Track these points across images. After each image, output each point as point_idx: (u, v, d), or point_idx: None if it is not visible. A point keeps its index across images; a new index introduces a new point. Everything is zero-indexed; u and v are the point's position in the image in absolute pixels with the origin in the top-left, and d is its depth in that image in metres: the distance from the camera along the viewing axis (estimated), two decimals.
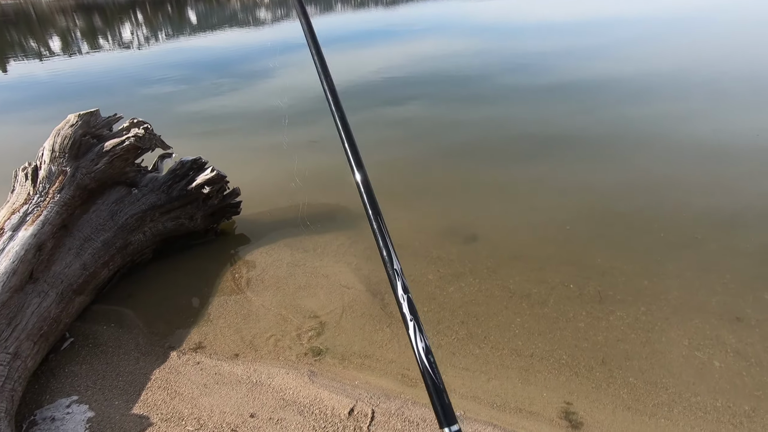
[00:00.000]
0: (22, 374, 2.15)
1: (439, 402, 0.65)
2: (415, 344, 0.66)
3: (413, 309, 0.67)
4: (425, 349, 0.66)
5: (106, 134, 3.36)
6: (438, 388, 0.64)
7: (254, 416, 2.21)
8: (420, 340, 0.65)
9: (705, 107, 6.03)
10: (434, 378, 0.65)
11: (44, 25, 23.07)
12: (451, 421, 0.64)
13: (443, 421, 0.65)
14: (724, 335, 2.43)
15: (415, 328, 0.66)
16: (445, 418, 0.65)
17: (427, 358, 0.65)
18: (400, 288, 0.68)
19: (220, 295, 3.16)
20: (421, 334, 0.66)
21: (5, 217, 2.67)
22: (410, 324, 0.66)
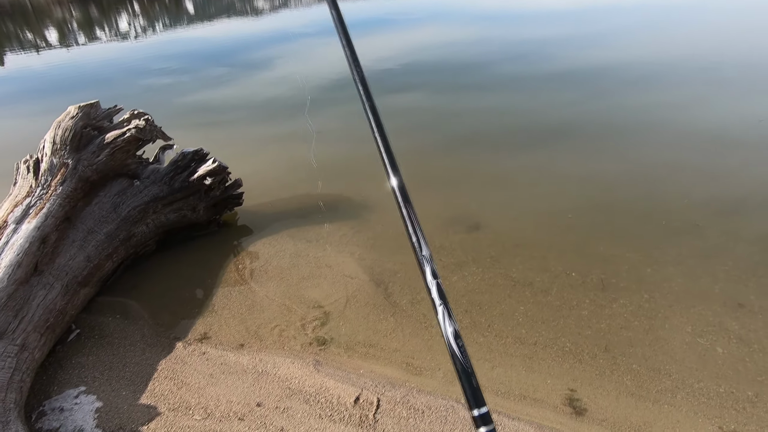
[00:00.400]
0: (30, 366, 2.17)
1: (468, 385, 0.66)
2: (445, 328, 0.67)
3: (442, 294, 0.68)
4: (454, 333, 0.67)
5: (107, 126, 3.35)
6: (467, 372, 0.66)
7: (261, 405, 2.23)
8: (449, 324, 0.67)
9: (705, 95, 6.00)
10: (463, 362, 0.67)
11: (40, 16, 22.86)
12: (480, 404, 0.66)
13: (473, 403, 0.66)
14: (727, 322, 2.44)
15: (444, 313, 0.67)
16: (475, 400, 0.66)
17: (456, 342, 0.67)
18: (429, 273, 0.69)
19: (224, 286, 3.17)
20: (450, 319, 0.67)
21: (8, 210, 2.67)
22: (439, 309, 0.68)
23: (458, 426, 2.03)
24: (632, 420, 2.03)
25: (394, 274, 3.11)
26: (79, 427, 2.07)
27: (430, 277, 0.70)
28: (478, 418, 0.65)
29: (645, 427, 1.99)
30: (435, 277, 0.70)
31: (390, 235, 3.55)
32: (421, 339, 2.60)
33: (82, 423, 2.10)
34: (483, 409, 0.65)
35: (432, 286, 0.70)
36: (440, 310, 0.68)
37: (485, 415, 0.65)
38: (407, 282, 3.04)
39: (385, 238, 3.53)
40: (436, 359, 2.47)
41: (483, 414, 0.65)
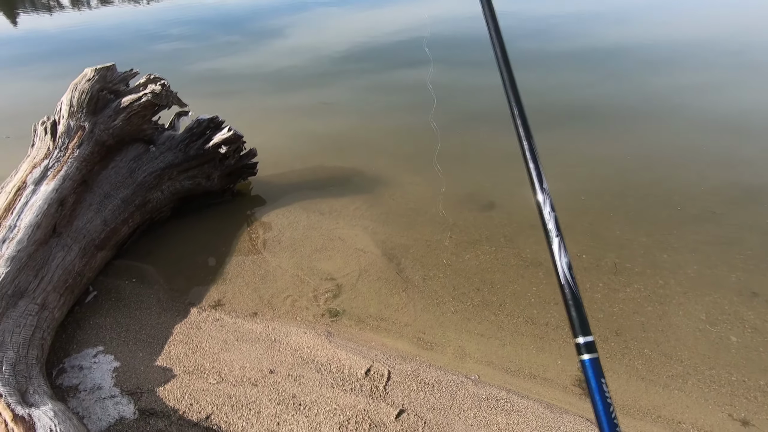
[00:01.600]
0: (51, 324, 2.22)
1: (576, 313, 0.68)
2: (559, 259, 0.69)
3: (558, 227, 0.70)
4: (568, 264, 0.69)
5: (123, 90, 3.32)
6: (577, 301, 0.68)
7: (273, 372, 2.27)
8: (564, 255, 0.69)
9: (729, 80, 5.81)
10: (574, 291, 0.69)
11: None
12: (586, 332, 0.68)
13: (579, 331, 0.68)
14: (742, 311, 2.43)
15: (559, 244, 0.69)
16: (581, 328, 0.68)
17: (569, 273, 0.69)
18: (548, 206, 0.71)
19: (238, 254, 3.19)
20: (564, 251, 0.69)
21: (27, 171, 2.68)
22: (555, 240, 0.69)
23: (467, 401, 2.06)
24: (641, 403, 2.05)
25: (406, 250, 3.11)
26: (98, 384, 2.13)
27: (549, 209, 0.72)
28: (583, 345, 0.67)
29: (654, 411, 2.01)
30: (553, 210, 0.72)
31: (403, 210, 3.54)
32: (433, 315, 2.62)
33: (101, 381, 2.15)
34: (588, 338, 0.68)
35: (550, 217, 0.72)
36: (556, 242, 0.70)
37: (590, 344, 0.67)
38: (420, 258, 3.04)
39: (398, 213, 3.52)
40: (447, 335, 2.49)
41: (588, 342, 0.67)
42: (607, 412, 0.66)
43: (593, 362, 0.67)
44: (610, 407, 0.66)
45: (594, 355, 0.67)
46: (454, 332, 2.49)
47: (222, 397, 2.09)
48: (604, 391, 0.65)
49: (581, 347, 0.67)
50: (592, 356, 0.67)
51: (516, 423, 1.94)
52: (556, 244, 0.69)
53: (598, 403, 0.65)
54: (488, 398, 2.06)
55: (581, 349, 0.67)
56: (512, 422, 1.94)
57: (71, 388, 2.13)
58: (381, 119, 5.38)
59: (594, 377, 0.67)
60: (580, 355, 0.66)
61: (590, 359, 0.66)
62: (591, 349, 0.67)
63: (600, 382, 0.66)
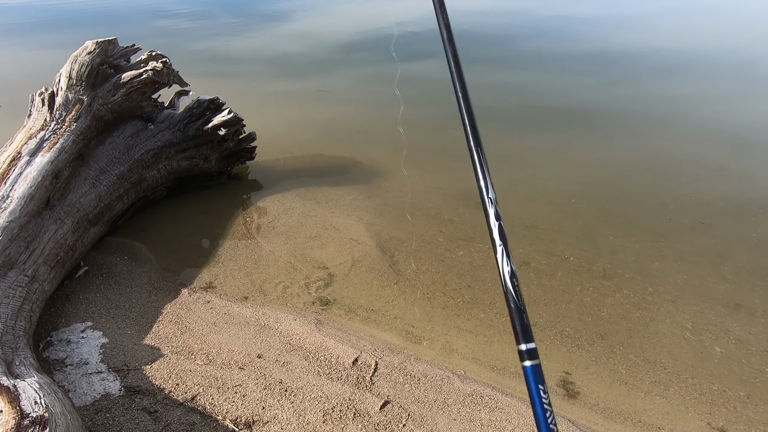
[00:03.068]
0: (40, 297, 2.21)
1: (518, 321, 0.69)
2: (502, 268, 0.70)
3: (503, 235, 0.71)
4: (510, 272, 0.70)
5: (124, 65, 3.28)
6: (519, 309, 0.69)
7: (261, 357, 2.27)
8: (507, 264, 0.70)
9: (733, 92, 5.84)
10: (516, 300, 0.69)
11: None
12: (528, 339, 0.69)
13: (521, 338, 0.69)
14: (728, 322, 2.46)
15: (503, 253, 0.70)
16: (523, 336, 0.69)
17: (512, 281, 0.70)
18: (492, 215, 0.72)
19: (232, 238, 3.18)
20: (508, 259, 0.70)
21: (22, 141, 2.65)
22: (499, 248, 0.70)
23: (452, 396, 2.08)
24: (623, 407, 2.07)
25: (400, 243, 3.12)
26: (84, 359, 2.13)
27: (494, 218, 0.73)
28: (525, 352, 0.68)
29: (634, 416, 2.04)
30: (498, 218, 0.73)
31: (399, 204, 3.54)
32: (423, 309, 2.63)
33: (88, 356, 2.15)
34: (531, 345, 0.69)
35: (494, 226, 0.73)
36: (500, 250, 0.71)
37: (532, 350, 0.68)
38: (413, 251, 3.05)
39: (394, 205, 3.52)
40: (436, 330, 2.50)
41: (530, 349, 0.68)
42: (545, 417, 0.67)
43: (534, 369, 0.68)
44: (547, 412, 0.67)
45: (535, 362, 0.68)
46: (443, 327, 2.51)
47: (209, 378, 2.09)
48: (542, 398, 0.66)
49: (524, 354, 0.68)
50: (533, 363, 0.68)
51: (499, 420, 1.96)
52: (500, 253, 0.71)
53: (537, 408, 0.67)
54: (473, 394, 2.08)
55: (523, 356, 0.68)
56: (495, 419, 1.96)
57: (58, 362, 2.12)
58: (382, 110, 5.36)
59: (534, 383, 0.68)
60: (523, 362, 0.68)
61: (531, 366, 0.68)
62: (533, 355, 0.68)
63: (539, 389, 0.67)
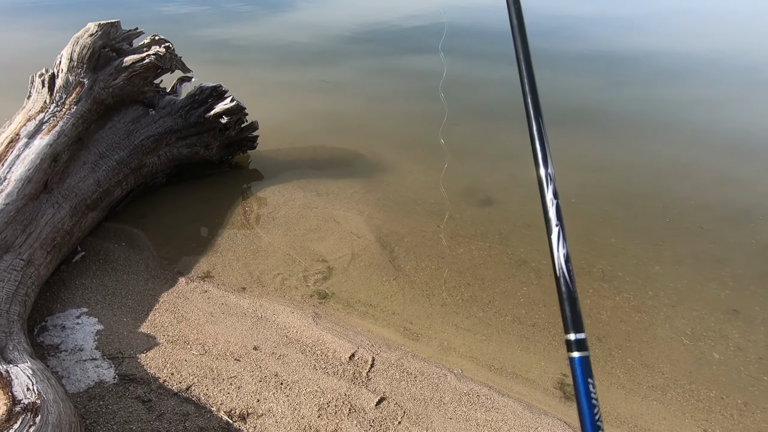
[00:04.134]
0: (35, 281, 2.18)
1: (570, 309, 0.65)
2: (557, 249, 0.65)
3: (560, 215, 0.66)
4: (566, 255, 0.65)
5: (126, 49, 3.24)
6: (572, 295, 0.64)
7: (257, 349, 2.26)
8: (562, 246, 0.65)
9: (736, 97, 5.81)
10: (570, 284, 0.65)
11: None
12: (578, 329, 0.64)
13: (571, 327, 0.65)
14: (727, 329, 2.45)
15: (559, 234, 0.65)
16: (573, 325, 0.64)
17: (566, 265, 0.65)
18: (551, 192, 0.67)
19: (231, 228, 3.16)
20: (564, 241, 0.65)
21: (21, 123, 2.61)
22: (555, 229, 0.66)
23: (448, 394, 2.07)
24: (619, 411, 2.07)
25: (401, 238, 3.10)
26: (79, 346, 2.11)
27: (551, 195, 0.68)
28: (574, 342, 0.64)
29: (631, 420, 2.03)
30: (555, 197, 0.68)
31: (401, 198, 3.52)
32: (421, 306, 2.61)
33: (83, 343, 2.13)
34: (580, 335, 0.64)
35: (552, 204, 0.68)
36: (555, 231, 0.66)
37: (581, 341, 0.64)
38: (413, 247, 3.03)
39: (396, 200, 3.50)
40: (434, 327, 2.49)
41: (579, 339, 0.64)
42: (591, 413, 0.63)
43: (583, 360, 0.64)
44: (595, 408, 0.63)
45: (584, 353, 0.63)
46: (441, 325, 2.50)
47: (204, 369, 2.07)
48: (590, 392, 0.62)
49: (572, 344, 0.63)
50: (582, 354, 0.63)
51: (495, 420, 1.95)
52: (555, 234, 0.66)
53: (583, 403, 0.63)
54: (469, 393, 2.07)
55: (572, 346, 0.64)
56: (491, 419, 1.95)
57: (52, 347, 2.10)
58: (386, 104, 5.32)
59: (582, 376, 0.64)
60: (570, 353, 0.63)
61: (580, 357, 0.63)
62: (582, 346, 0.64)
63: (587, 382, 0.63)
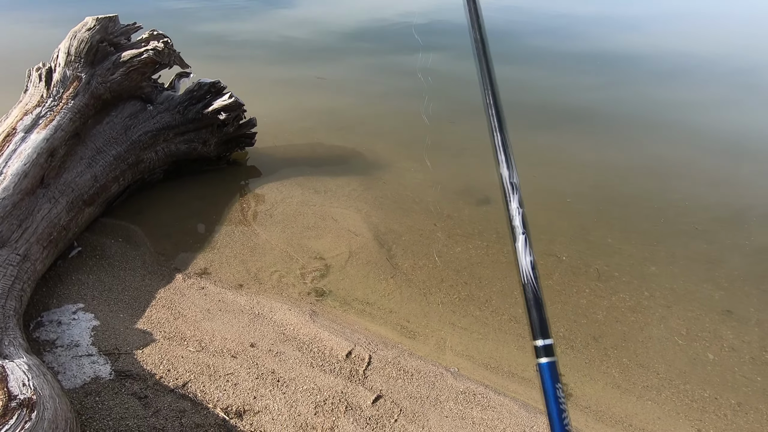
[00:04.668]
0: (31, 276, 2.17)
1: (537, 315, 0.65)
2: (523, 257, 0.66)
3: (525, 223, 0.67)
4: (531, 263, 0.66)
5: (124, 43, 3.22)
6: (538, 302, 0.65)
7: (254, 346, 2.26)
8: (528, 254, 0.66)
9: (732, 98, 5.83)
10: (536, 291, 0.65)
11: None
12: (545, 335, 0.65)
13: (538, 333, 0.65)
14: (722, 330, 2.46)
15: (524, 242, 0.66)
16: (541, 331, 0.65)
17: (532, 272, 0.66)
18: (516, 201, 0.68)
19: (228, 224, 3.15)
20: (529, 249, 0.66)
21: (18, 117, 2.60)
22: (520, 237, 0.67)
23: (445, 393, 2.07)
24: (614, 410, 2.08)
25: (399, 237, 3.10)
26: (75, 341, 2.10)
27: (516, 204, 0.69)
28: (541, 348, 0.64)
29: (626, 419, 2.04)
30: (521, 206, 0.69)
31: (398, 197, 3.52)
32: (418, 304, 2.62)
33: (79, 338, 2.12)
34: (548, 341, 0.65)
35: (517, 213, 0.69)
36: (521, 239, 0.67)
37: (549, 347, 0.65)
38: (410, 246, 3.03)
39: (394, 199, 3.50)
40: (431, 325, 2.49)
41: (547, 345, 0.65)
42: (560, 418, 0.64)
43: (551, 366, 0.65)
44: (563, 413, 0.64)
45: (552, 359, 0.64)
46: (438, 323, 2.50)
47: (200, 366, 2.07)
48: (558, 397, 0.63)
49: (540, 350, 0.64)
50: (550, 360, 0.64)
51: (491, 419, 1.96)
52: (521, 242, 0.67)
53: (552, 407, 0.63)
54: (465, 392, 2.08)
55: (540, 352, 0.64)
56: (487, 417, 1.96)
57: (48, 343, 2.10)
58: (384, 102, 5.31)
59: (550, 381, 0.64)
60: (538, 358, 0.64)
61: (548, 363, 0.64)
62: (549, 352, 0.64)
63: (555, 387, 0.64)
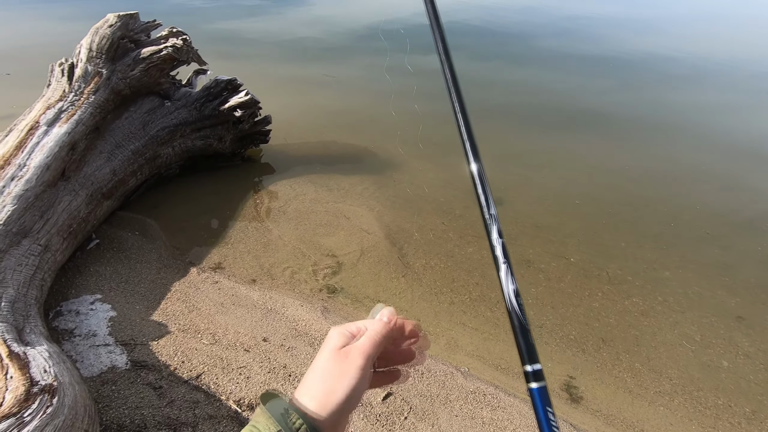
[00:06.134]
0: (52, 267, 2.22)
1: (524, 341, 0.67)
2: (506, 286, 0.68)
3: (506, 253, 0.70)
4: (515, 291, 0.68)
5: (144, 40, 3.27)
6: (524, 328, 0.67)
7: (266, 340, 2.28)
8: (511, 282, 0.68)
9: (748, 103, 5.75)
10: (521, 319, 0.68)
11: None
12: (534, 360, 0.67)
13: (526, 359, 0.67)
14: (737, 337, 2.43)
15: (506, 271, 0.68)
16: (528, 356, 0.67)
17: (516, 300, 0.68)
18: (495, 232, 0.71)
19: (242, 220, 3.18)
20: (512, 277, 0.68)
21: (41, 111, 2.65)
22: (502, 266, 0.69)
23: (455, 392, 2.08)
24: (625, 415, 2.07)
25: (410, 236, 3.11)
26: (93, 331, 2.14)
27: (496, 235, 0.72)
28: (531, 373, 0.66)
29: (637, 424, 2.03)
30: (500, 236, 0.72)
31: (411, 197, 3.53)
32: (430, 304, 2.62)
33: (96, 328, 2.17)
34: (536, 366, 0.67)
35: (497, 244, 0.72)
36: (503, 268, 0.69)
37: (538, 372, 0.66)
38: (422, 245, 3.04)
39: (406, 198, 3.50)
40: (442, 325, 2.50)
41: (536, 370, 0.67)
42: None
43: (541, 391, 0.66)
44: None
45: (542, 384, 0.65)
46: (449, 323, 2.51)
47: (214, 358, 2.10)
48: (551, 420, 0.64)
49: (529, 375, 0.66)
50: (539, 385, 0.66)
51: (500, 419, 1.96)
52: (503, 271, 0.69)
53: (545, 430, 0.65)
54: (476, 392, 2.08)
55: (529, 377, 0.66)
56: (497, 418, 1.96)
57: (66, 332, 2.14)
58: (397, 101, 5.32)
59: (541, 406, 0.66)
60: (528, 383, 0.66)
61: (538, 388, 0.66)
62: (539, 377, 0.66)
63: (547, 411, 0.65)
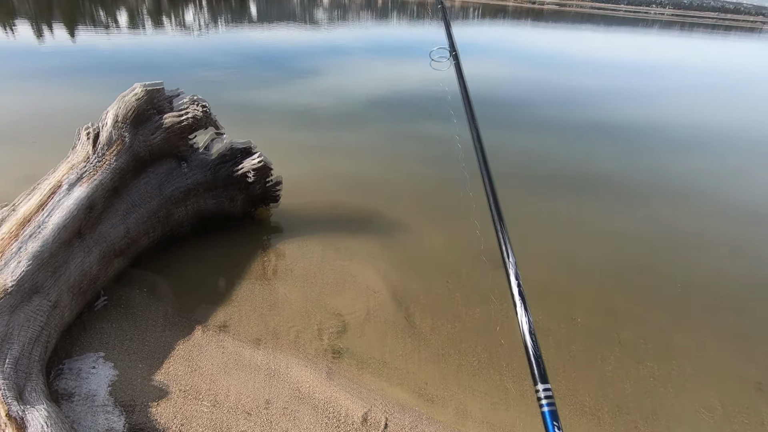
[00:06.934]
0: (59, 325, 2.22)
1: (536, 365, 0.75)
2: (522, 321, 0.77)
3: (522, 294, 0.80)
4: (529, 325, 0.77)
5: (167, 107, 3.47)
6: (537, 355, 0.75)
7: (269, 404, 2.22)
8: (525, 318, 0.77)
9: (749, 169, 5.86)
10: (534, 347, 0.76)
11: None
12: (544, 380, 0.74)
13: (538, 379, 0.74)
14: (760, 406, 2.32)
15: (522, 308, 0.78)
16: (540, 377, 0.74)
17: (531, 335, 0.77)
18: (513, 275, 0.81)
19: (249, 279, 3.20)
20: (527, 314, 0.77)
21: (65, 172, 2.78)
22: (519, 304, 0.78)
23: None
24: None
25: (417, 297, 3.09)
26: (93, 392, 2.10)
27: (514, 278, 0.82)
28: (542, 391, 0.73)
29: None
30: (517, 278, 0.82)
31: (418, 258, 3.54)
32: (437, 367, 2.56)
33: (97, 389, 2.13)
34: (546, 386, 0.74)
35: (515, 286, 0.82)
36: (519, 304, 0.79)
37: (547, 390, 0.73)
38: (429, 307, 3.01)
39: (413, 260, 3.52)
40: (450, 390, 2.42)
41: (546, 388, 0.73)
42: None
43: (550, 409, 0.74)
44: None
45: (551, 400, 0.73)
46: (458, 388, 2.43)
47: (214, 422, 2.04)
48: None
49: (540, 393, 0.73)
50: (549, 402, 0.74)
51: None
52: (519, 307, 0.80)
53: None
54: None
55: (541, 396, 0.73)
56: None
57: (66, 391, 2.10)
58: (404, 167, 5.49)
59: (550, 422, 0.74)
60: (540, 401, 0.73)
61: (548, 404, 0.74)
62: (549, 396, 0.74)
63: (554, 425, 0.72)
